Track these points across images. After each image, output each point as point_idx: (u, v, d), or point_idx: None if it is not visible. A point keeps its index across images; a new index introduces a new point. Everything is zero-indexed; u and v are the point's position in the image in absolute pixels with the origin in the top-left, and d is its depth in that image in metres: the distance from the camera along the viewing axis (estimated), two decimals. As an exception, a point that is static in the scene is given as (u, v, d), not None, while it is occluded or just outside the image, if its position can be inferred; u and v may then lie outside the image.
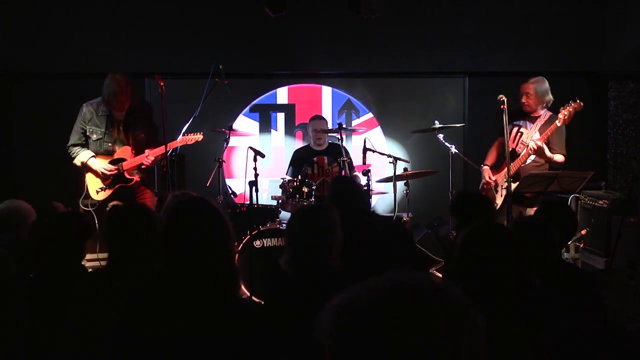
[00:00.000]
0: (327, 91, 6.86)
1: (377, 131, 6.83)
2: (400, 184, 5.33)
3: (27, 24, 6.25)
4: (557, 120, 4.87)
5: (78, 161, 5.03)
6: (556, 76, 5.34)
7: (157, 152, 4.98)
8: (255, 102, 6.82)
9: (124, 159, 5.02)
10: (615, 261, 4.78)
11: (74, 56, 6.25)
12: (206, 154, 6.05)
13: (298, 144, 6.72)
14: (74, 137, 5.05)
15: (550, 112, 5.10)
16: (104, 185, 5.03)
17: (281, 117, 6.87)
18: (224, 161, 5.34)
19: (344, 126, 5.63)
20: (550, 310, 2.14)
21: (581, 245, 5.50)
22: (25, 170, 6.49)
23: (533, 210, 4.83)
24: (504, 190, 4.95)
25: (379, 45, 6.49)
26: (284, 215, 5.63)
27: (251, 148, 5.23)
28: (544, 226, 2.77)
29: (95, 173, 5.03)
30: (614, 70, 6.40)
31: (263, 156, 5.28)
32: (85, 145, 5.05)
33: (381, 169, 6.23)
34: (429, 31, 6.48)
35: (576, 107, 4.83)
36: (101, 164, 5.01)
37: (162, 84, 4.62)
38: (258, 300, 4.77)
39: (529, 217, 4.39)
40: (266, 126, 6.85)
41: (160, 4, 6.37)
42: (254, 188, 4.97)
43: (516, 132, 5.14)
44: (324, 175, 5.85)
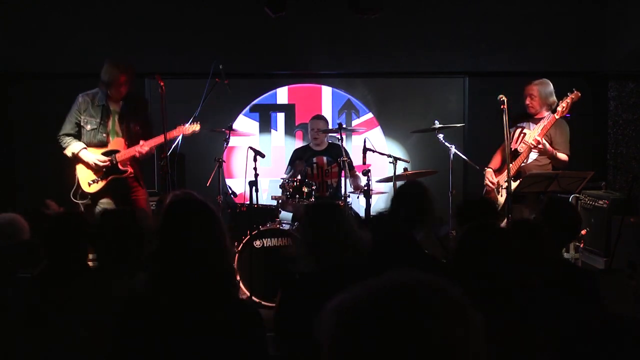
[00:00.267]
0: (327, 91, 6.86)
1: (377, 131, 6.83)
2: (400, 184, 5.33)
3: (27, 24, 6.25)
4: (555, 114, 4.86)
5: (69, 151, 4.87)
6: (556, 76, 5.33)
7: (152, 142, 4.87)
8: (255, 102, 6.82)
9: (117, 151, 4.89)
10: (615, 261, 4.78)
11: (74, 56, 6.25)
12: (206, 154, 6.05)
13: (298, 144, 6.71)
14: (66, 126, 4.91)
15: (553, 114, 5.09)
16: (96, 177, 4.89)
17: (281, 117, 6.87)
18: (224, 161, 5.34)
19: (344, 126, 5.62)
20: (550, 310, 2.14)
21: (581, 245, 5.50)
22: (25, 170, 6.49)
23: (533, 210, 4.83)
24: (505, 191, 4.95)
25: (379, 45, 6.49)
26: (284, 215, 5.63)
27: (251, 148, 5.22)
28: (540, 225, 2.76)
29: (87, 165, 4.88)
30: (614, 70, 6.40)
31: (263, 156, 5.28)
32: (77, 137, 4.90)
33: (381, 169, 6.23)
34: (429, 31, 6.48)
35: (573, 98, 4.81)
36: (94, 155, 4.87)
37: (162, 84, 4.62)
38: (258, 300, 4.78)
39: (525, 217, 4.38)
40: (266, 126, 6.85)
41: (160, 4, 6.37)
42: (254, 188, 4.98)
43: (519, 133, 5.13)
44: (324, 176, 5.85)
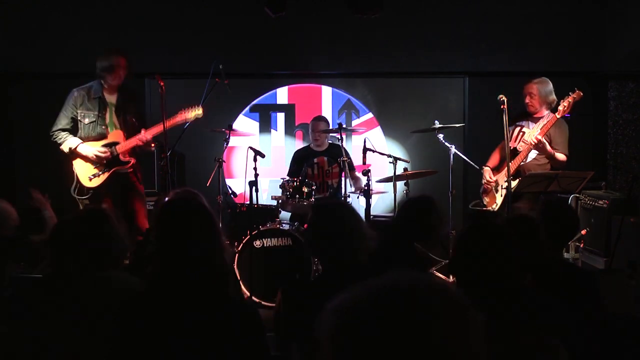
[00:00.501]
0: (327, 91, 6.86)
1: (377, 131, 6.83)
2: (400, 184, 5.33)
3: (27, 24, 6.25)
4: (556, 113, 4.86)
5: (66, 147, 4.79)
6: (556, 76, 5.33)
7: (155, 130, 4.82)
8: (255, 102, 6.82)
9: (116, 143, 4.85)
10: (615, 261, 4.77)
11: (74, 56, 6.24)
12: (206, 154, 6.05)
13: (298, 144, 6.72)
14: (61, 121, 4.83)
15: (553, 113, 5.08)
16: (97, 171, 4.83)
17: (281, 117, 6.87)
18: (224, 161, 5.34)
19: (344, 126, 5.62)
20: (550, 310, 2.14)
21: (581, 245, 5.49)
22: (25, 170, 6.49)
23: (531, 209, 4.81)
24: (504, 190, 4.94)
25: (379, 45, 6.49)
26: (284, 215, 5.63)
27: (251, 148, 5.22)
28: (532, 224, 2.74)
29: (85, 159, 4.81)
30: (614, 70, 6.40)
31: (263, 156, 5.27)
32: (72, 132, 4.84)
33: (381, 169, 6.23)
34: (429, 31, 6.48)
35: (575, 97, 4.80)
36: (93, 148, 4.80)
37: (162, 84, 4.62)
38: (258, 300, 4.78)
39: (519, 215, 4.33)
40: (266, 126, 6.85)
41: (160, 4, 6.37)
42: (254, 188, 4.98)
43: (518, 131, 5.13)
44: (324, 176, 5.85)
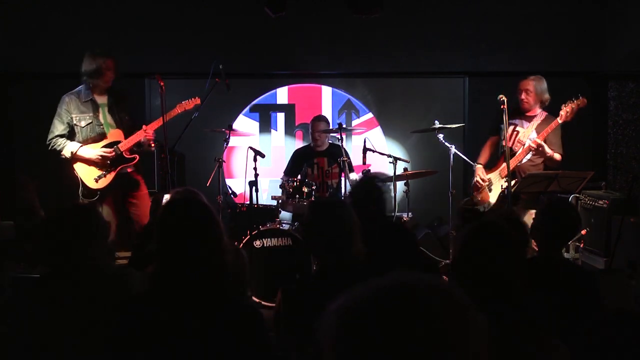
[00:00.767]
0: (327, 91, 6.86)
1: (377, 131, 6.83)
2: (400, 184, 5.33)
3: (27, 24, 6.25)
4: (558, 117, 4.86)
5: (67, 152, 4.76)
6: (556, 76, 5.34)
7: (155, 125, 4.84)
8: (255, 102, 6.82)
9: (117, 142, 4.84)
10: (615, 261, 4.77)
11: (74, 56, 6.19)
12: (206, 154, 6.05)
13: (298, 144, 6.72)
14: (57, 128, 4.80)
15: (545, 112, 5.09)
16: (102, 172, 4.81)
17: (281, 117, 6.87)
18: (224, 161, 5.34)
19: (344, 126, 5.62)
20: (551, 310, 2.14)
21: (581, 245, 5.50)
22: (25, 170, 6.48)
23: (532, 211, 4.81)
24: (503, 189, 4.93)
25: (379, 45, 6.49)
26: (284, 215, 5.63)
27: (251, 148, 5.22)
28: (518, 223, 2.74)
29: (88, 162, 4.79)
30: (614, 70, 6.40)
31: (263, 156, 5.28)
32: (69, 137, 4.82)
33: (381, 169, 6.22)
34: (429, 31, 6.48)
35: (579, 104, 4.81)
36: (95, 149, 4.79)
37: (162, 84, 4.61)
38: (258, 300, 4.79)
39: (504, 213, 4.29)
40: (266, 126, 6.85)
41: (160, 4, 6.37)
42: (254, 188, 4.98)
43: (512, 130, 5.13)
44: (324, 176, 5.85)
